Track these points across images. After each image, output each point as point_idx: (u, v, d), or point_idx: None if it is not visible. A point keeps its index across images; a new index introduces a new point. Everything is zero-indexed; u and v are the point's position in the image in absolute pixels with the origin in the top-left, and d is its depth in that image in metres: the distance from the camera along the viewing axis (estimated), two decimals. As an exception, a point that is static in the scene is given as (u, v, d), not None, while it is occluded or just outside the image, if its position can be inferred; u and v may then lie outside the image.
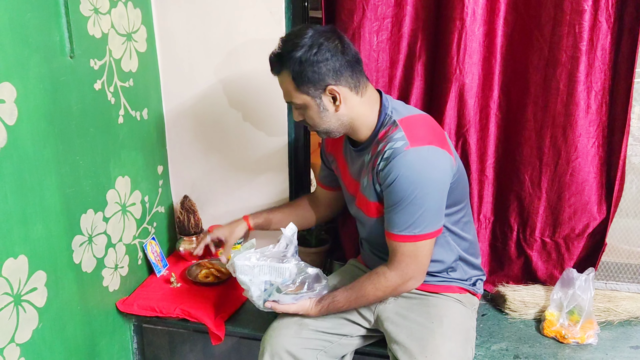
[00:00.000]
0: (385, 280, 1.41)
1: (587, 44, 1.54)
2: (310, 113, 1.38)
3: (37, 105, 1.32)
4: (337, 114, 1.37)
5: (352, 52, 1.36)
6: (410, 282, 1.40)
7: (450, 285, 1.52)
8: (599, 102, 1.60)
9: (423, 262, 1.39)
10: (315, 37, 1.31)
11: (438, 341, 1.35)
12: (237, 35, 1.80)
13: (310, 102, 1.36)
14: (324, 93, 1.34)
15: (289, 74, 1.33)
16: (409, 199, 1.30)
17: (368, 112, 1.40)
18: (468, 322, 1.49)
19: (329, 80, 1.32)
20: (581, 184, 1.67)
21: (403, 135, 1.32)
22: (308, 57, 1.30)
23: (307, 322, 1.47)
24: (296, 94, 1.35)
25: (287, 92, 1.38)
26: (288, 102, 1.41)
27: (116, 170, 1.69)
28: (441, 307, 1.47)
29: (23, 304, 1.32)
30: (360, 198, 1.48)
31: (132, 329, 1.83)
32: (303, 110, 1.39)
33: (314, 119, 1.40)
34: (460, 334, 1.42)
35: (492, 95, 1.67)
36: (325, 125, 1.40)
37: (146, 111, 1.84)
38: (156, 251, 1.92)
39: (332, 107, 1.36)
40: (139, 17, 1.75)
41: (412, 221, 1.33)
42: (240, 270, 1.43)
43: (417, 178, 1.30)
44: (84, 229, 1.54)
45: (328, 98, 1.35)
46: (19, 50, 1.25)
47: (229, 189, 2.03)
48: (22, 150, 1.28)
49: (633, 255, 1.88)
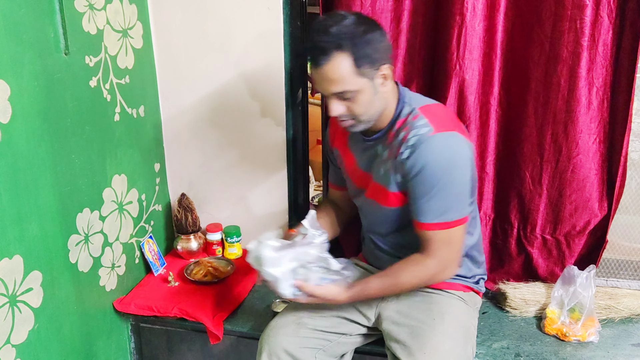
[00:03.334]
0: (424, 268, 1.37)
1: (589, 39, 1.53)
2: (362, 98, 1.29)
3: (32, 102, 1.30)
4: (383, 96, 1.33)
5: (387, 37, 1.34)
6: (448, 271, 1.38)
7: (454, 283, 1.50)
8: (600, 98, 1.59)
9: (457, 250, 1.38)
10: (362, 19, 1.28)
11: (438, 339, 1.34)
12: (235, 31, 1.79)
13: (367, 85, 1.28)
14: (378, 73, 1.29)
15: (348, 55, 1.23)
16: (439, 184, 1.29)
17: (392, 99, 1.37)
18: (470, 320, 1.48)
19: (384, 59, 1.29)
20: (582, 180, 1.66)
21: (426, 122, 1.30)
22: (369, 36, 1.25)
23: (305, 321, 1.45)
24: (354, 77, 1.26)
25: (340, 78, 1.26)
26: (337, 92, 1.28)
27: (112, 169, 1.67)
28: (443, 304, 1.46)
29: (18, 304, 1.30)
30: (375, 188, 1.43)
31: (129, 329, 1.82)
32: (355, 97, 1.29)
33: (364, 106, 1.31)
34: (461, 332, 1.41)
35: (492, 92, 1.66)
36: (372, 111, 1.33)
37: (143, 108, 1.82)
38: (153, 250, 1.91)
39: (382, 88, 1.31)
40: (135, 13, 1.73)
41: (444, 208, 1.31)
42: (267, 262, 1.32)
43: (446, 163, 1.28)
44: (80, 228, 1.52)
45: (380, 79, 1.30)
46: (13, 47, 1.23)
47: (226, 187, 2.01)
48: (17, 149, 1.27)
49: (634, 252, 1.87)
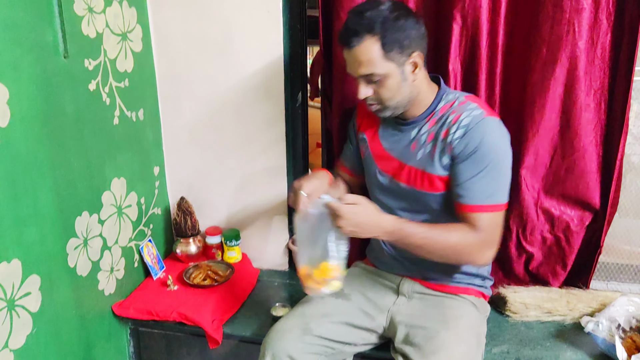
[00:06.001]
0: (470, 238, 1.33)
1: (587, 42, 1.53)
2: (390, 83, 1.33)
3: (30, 106, 1.30)
4: (413, 84, 1.36)
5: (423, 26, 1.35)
6: (487, 254, 1.36)
7: (468, 288, 1.51)
8: (597, 101, 1.59)
9: (499, 234, 1.37)
10: (397, 5, 1.31)
11: (452, 342, 1.33)
12: (234, 34, 1.78)
13: (394, 71, 1.32)
14: (408, 59, 1.32)
15: (377, 39, 1.28)
16: (490, 165, 1.31)
17: (426, 88, 1.41)
18: (481, 327, 1.48)
19: (416, 46, 1.32)
20: (579, 182, 1.66)
21: (476, 106, 1.35)
22: (399, 23, 1.28)
23: (311, 327, 1.43)
24: (382, 61, 1.30)
25: (368, 61, 1.30)
26: (365, 74, 1.32)
27: (111, 172, 1.67)
28: (457, 309, 1.45)
29: (17, 309, 1.30)
30: (413, 173, 1.42)
31: (128, 333, 1.81)
32: (382, 81, 1.33)
33: (391, 91, 1.34)
34: (474, 337, 1.40)
35: (494, 96, 1.65)
36: (400, 97, 1.36)
37: (142, 111, 1.82)
38: (152, 253, 1.90)
39: (411, 76, 1.35)
40: (135, 16, 1.73)
41: (493, 189, 1.33)
42: None
43: (498, 144, 1.33)
44: (78, 232, 1.52)
45: (410, 66, 1.33)
46: (12, 51, 1.23)
47: (226, 190, 2.01)
48: (15, 152, 1.26)
49: (634, 255, 1.87)
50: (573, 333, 1.62)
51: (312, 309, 1.49)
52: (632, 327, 1.53)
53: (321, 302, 1.52)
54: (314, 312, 1.48)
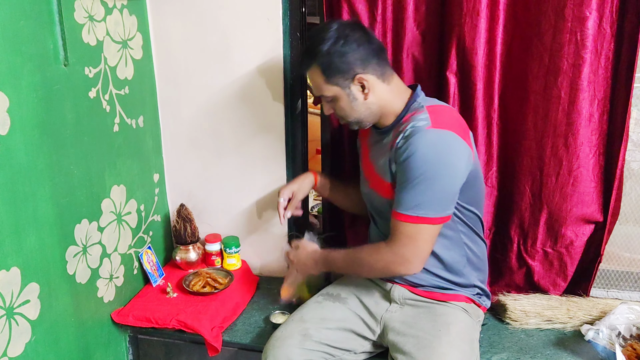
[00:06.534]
0: (378, 252, 1.41)
1: (591, 51, 1.52)
2: (341, 104, 1.43)
3: (30, 114, 1.30)
4: (366, 102, 1.41)
5: (377, 42, 1.41)
6: (406, 265, 1.37)
7: (458, 295, 1.50)
8: (600, 110, 1.59)
9: (422, 248, 1.36)
10: (341, 29, 1.37)
11: (445, 349, 1.33)
12: (234, 42, 1.79)
13: (340, 93, 1.40)
14: (352, 82, 1.39)
15: (318, 67, 1.39)
16: (420, 177, 1.30)
17: (395, 99, 1.43)
18: (474, 332, 1.48)
19: (357, 69, 1.37)
20: (582, 194, 1.66)
21: (427, 117, 1.35)
22: (335, 48, 1.35)
23: (311, 332, 1.44)
24: (326, 86, 1.41)
25: (317, 85, 1.43)
26: (318, 95, 1.46)
27: (111, 179, 1.66)
28: (449, 315, 1.45)
29: (15, 316, 1.29)
30: (375, 179, 1.49)
31: (127, 340, 1.80)
32: (334, 102, 1.44)
33: (344, 110, 1.44)
34: (467, 343, 1.40)
35: (493, 105, 1.66)
36: (356, 115, 1.44)
37: (142, 119, 1.82)
38: (152, 260, 1.90)
39: (361, 95, 1.40)
40: (135, 24, 1.74)
41: (418, 201, 1.32)
42: None
43: (432, 157, 1.30)
44: (78, 239, 1.52)
45: (357, 87, 1.39)
46: (12, 59, 1.23)
47: (225, 197, 2.01)
48: (15, 160, 1.26)
49: (634, 263, 1.87)
50: (573, 341, 1.61)
51: (310, 314, 1.51)
52: (633, 335, 1.53)
53: (319, 306, 1.54)
54: (313, 316, 1.49)
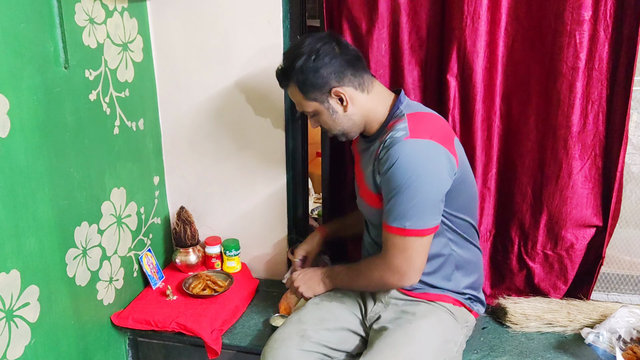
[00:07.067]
0: (374, 266, 1.42)
1: (587, 54, 1.53)
2: (323, 118, 1.43)
3: (31, 116, 1.30)
4: (347, 114, 1.41)
5: (352, 52, 1.40)
6: (399, 277, 1.37)
7: (444, 295, 1.49)
8: (595, 112, 1.59)
9: (414, 259, 1.35)
10: (313, 44, 1.36)
11: (401, 342, 1.34)
12: (235, 45, 1.79)
13: (320, 108, 1.41)
14: (330, 96, 1.39)
15: (295, 85, 1.39)
16: (402, 188, 1.30)
17: (377, 107, 1.43)
18: (452, 334, 1.44)
19: (332, 82, 1.37)
20: (582, 196, 1.66)
21: (406, 126, 1.34)
22: (308, 65, 1.35)
23: (309, 334, 1.44)
24: (305, 102, 1.41)
25: (297, 102, 1.44)
26: (301, 112, 1.47)
27: (111, 182, 1.67)
28: (426, 312, 1.44)
29: (15, 319, 1.29)
30: (363, 188, 1.49)
31: (127, 343, 1.80)
32: (317, 116, 1.45)
33: (327, 123, 1.45)
34: (435, 340, 1.38)
35: (493, 107, 1.66)
36: (340, 127, 1.44)
37: (142, 121, 1.82)
38: (152, 263, 1.90)
39: (341, 108, 1.40)
40: (135, 26, 1.74)
41: (403, 212, 1.31)
42: None
43: (411, 167, 1.29)
44: (78, 242, 1.52)
45: (335, 100, 1.39)
46: (12, 61, 1.23)
47: (225, 200, 2.01)
48: (15, 163, 1.26)
49: (634, 266, 1.86)
50: (573, 344, 1.61)
51: (308, 315, 1.50)
52: (633, 339, 1.53)
53: (317, 307, 1.53)
54: (311, 317, 1.49)
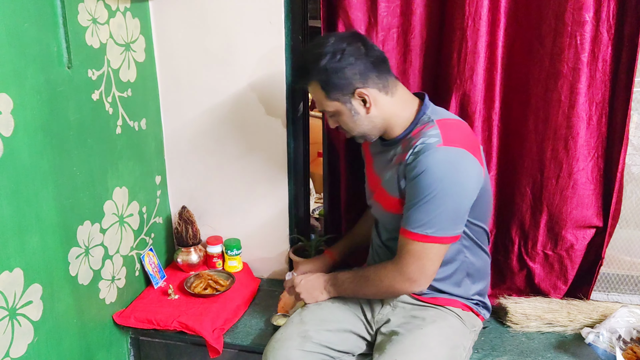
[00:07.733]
0: (385, 272, 1.40)
1: (589, 55, 1.53)
2: (344, 119, 1.40)
3: (34, 116, 1.31)
4: (369, 116, 1.38)
5: (377, 52, 1.37)
6: (410, 284, 1.37)
7: (453, 300, 1.49)
8: (599, 114, 1.59)
9: (428, 267, 1.35)
10: (338, 44, 1.33)
11: (413, 348, 1.33)
12: (237, 45, 1.80)
13: (342, 108, 1.38)
14: (353, 97, 1.36)
15: (317, 84, 1.36)
16: (430, 196, 1.28)
17: (400, 111, 1.40)
18: (461, 339, 1.44)
19: (357, 83, 1.34)
20: (582, 197, 1.66)
21: (438, 133, 1.32)
22: (333, 65, 1.32)
23: (311, 334, 1.44)
24: (327, 102, 1.38)
25: (318, 101, 1.41)
26: (321, 110, 1.44)
27: (114, 181, 1.67)
28: (435, 317, 1.44)
29: (18, 317, 1.30)
30: (380, 192, 1.47)
31: (129, 342, 1.81)
32: (336, 117, 1.41)
33: (347, 124, 1.41)
34: (445, 346, 1.38)
35: (493, 107, 1.66)
36: (360, 129, 1.42)
37: (144, 121, 1.83)
38: (154, 262, 1.91)
39: (363, 109, 1.37)
40: (138, 27, 1.74)
41: (427, 219, 1.30)
42: None
43: (442, 176, 1.28)
44: (80, 241, 1.52)
45: (358, 101, 1.36)
46: (16, 61, 1.24)
47: (227, 200, 2.01)
48: (19, 162, 1.27)
49: (634, 266, 1.87)
50: (574, 344, 1.62)
51: (310, 315, 1.50)
52: (633, 338, 1.53)
53: (319, 308, 1.53)
54: (312, 318, 1.49)
